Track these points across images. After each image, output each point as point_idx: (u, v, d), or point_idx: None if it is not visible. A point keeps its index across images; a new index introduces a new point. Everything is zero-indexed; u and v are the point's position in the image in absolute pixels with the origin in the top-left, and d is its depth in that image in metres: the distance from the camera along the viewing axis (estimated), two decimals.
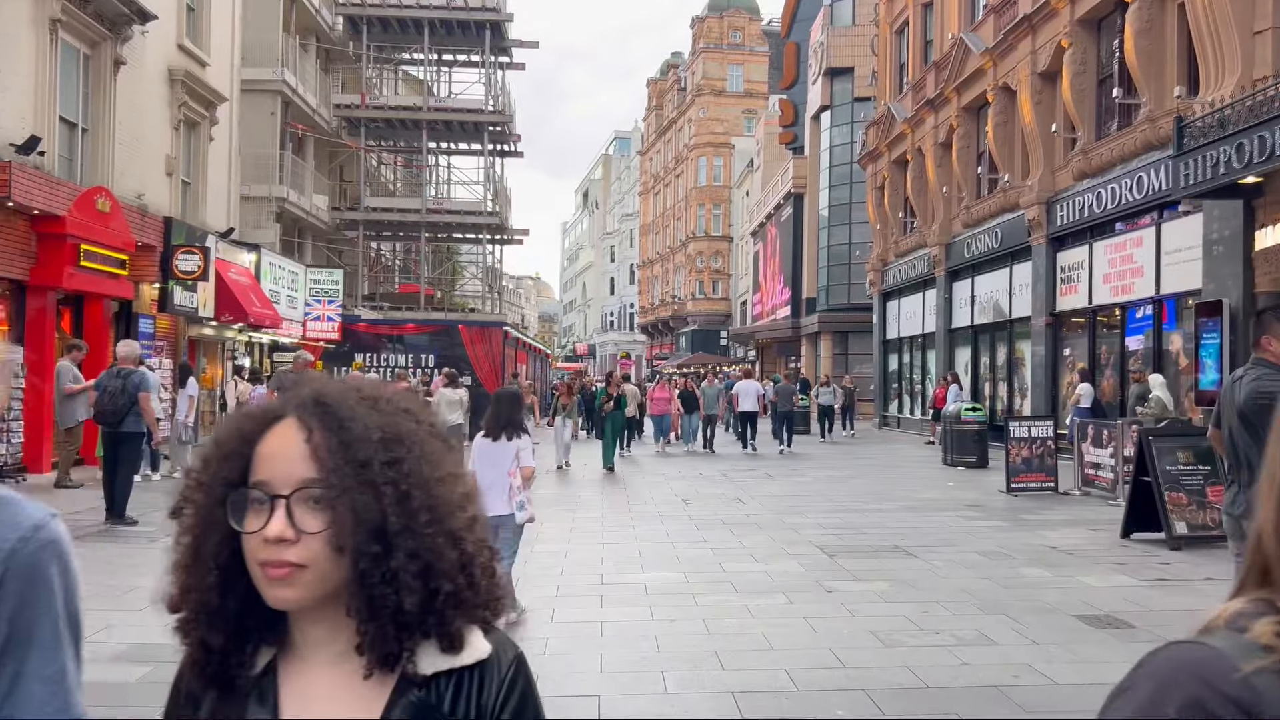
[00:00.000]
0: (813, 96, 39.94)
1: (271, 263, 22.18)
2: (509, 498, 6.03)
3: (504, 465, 6.04)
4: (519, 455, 6.10)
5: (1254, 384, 4.40)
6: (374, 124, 30.21)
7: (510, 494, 6.03)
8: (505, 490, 6.00)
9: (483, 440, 6.21)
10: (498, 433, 6.14)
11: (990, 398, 21.19)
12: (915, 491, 13.44)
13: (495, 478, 5.93)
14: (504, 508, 5.96)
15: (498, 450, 6.09)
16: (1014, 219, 19.61)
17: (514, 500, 6.06)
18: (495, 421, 6.17)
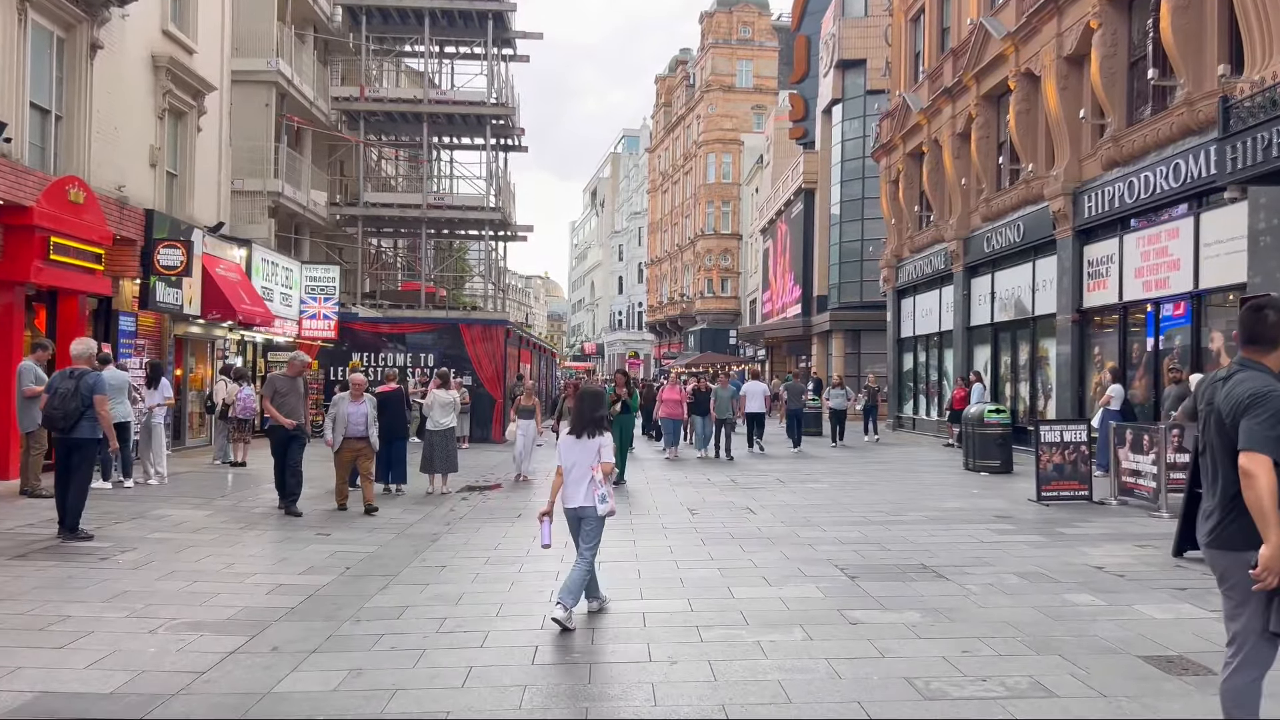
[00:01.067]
0: (824, 90, 39.03)
1: (264, 259, 21.40)
2: (591, 491, 6.41)
3: (588, 460, 6.48)
4: (600, 451, 6.49)
5: (1238, 386, 3.62)
6: (373, 117, 29.46)
7: (593, 487, 6.40)
8: (588, 483, 6.43)
9: (567, 437, 6.68)
10: (581, 430, 6.58)
11: (1011, 398, 20.26)
12: (938, 500, 12.54)
13: (580, 472, 6.46)
14: (587, 500, 6.42)
15: (581, 446, 6.54)
16: (1037, 211, 18.69)
17: (595, 494, 6.39)
18: (580, 419, 6.63)
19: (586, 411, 6.64)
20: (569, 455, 6.56)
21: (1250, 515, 3.45)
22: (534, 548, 9.14)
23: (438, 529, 10.32)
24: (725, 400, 19.06)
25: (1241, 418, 3.53)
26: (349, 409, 11.10)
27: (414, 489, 13.43)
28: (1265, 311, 3.71)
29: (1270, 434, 3.43)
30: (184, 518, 10.59)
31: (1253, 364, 3.70)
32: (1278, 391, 3.54)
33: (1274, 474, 3.40)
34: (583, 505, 6.43)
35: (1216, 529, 3.69)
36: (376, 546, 9.19)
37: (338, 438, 11.04)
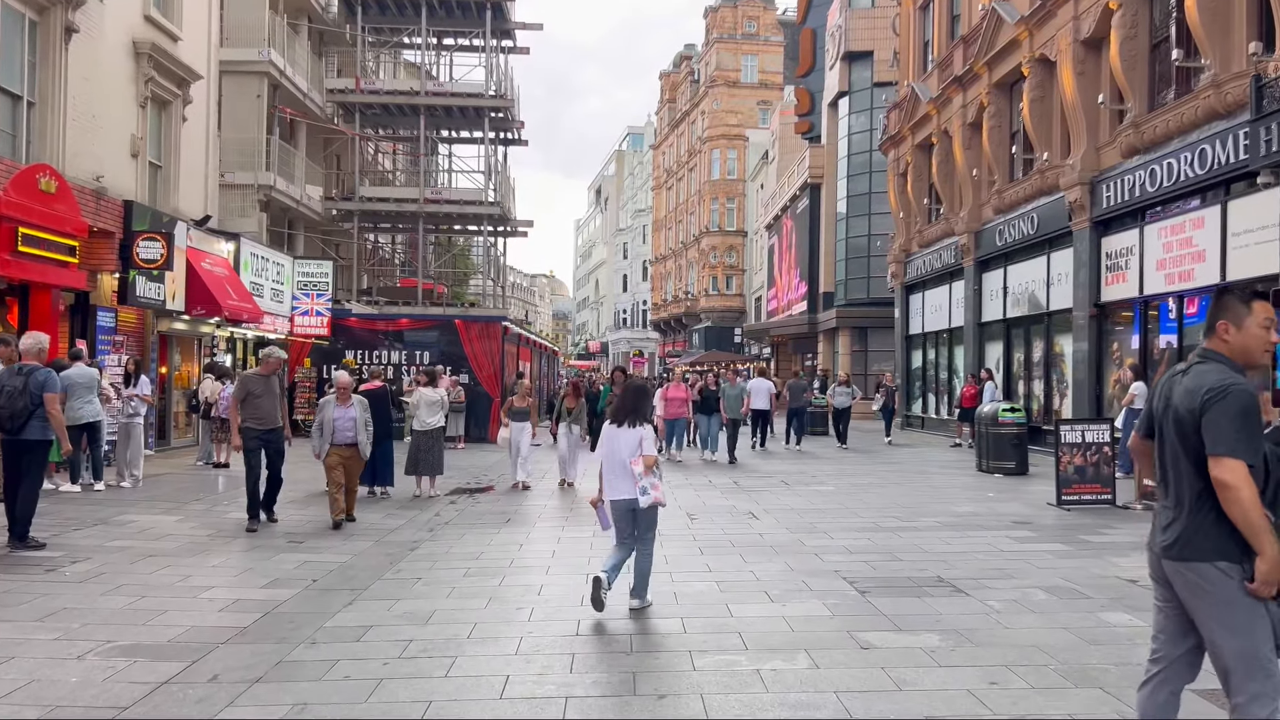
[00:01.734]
0: (830, 83, 38.32)
1: (253, 253, 20.79)
2: (634, 483, 6.39)
3: (629, 451, 6.46)
4: (642, 443, 6.50)
5: (1197, 380, 3.33)
6: (370, 110, 28.82)
7: (635, 480, 6.39)
8: (630, 476, 6.41)
9: (610, 427, 6.67)
10: (623, 420, 6.60)
11: (1025, 397, 19.56)
12: (951, 504, 11.87)
13: (622, 464, 6.46)
14: (631, 491, 6.41)
15: (623, 437, 6.54)
16: (1052, 202, 17.98)
17: (637, 486, 6.37)
18: (623, 410, 6.66)
19: (630, 403, 6.67)
20: (610, 445, 6.58)
21: (1217, 522, 3.21)
22: (518, 557, 8.51)
23: (419, 536, 9.68)
24: (735, 399, 17.90)
25: (1203, 414, 3.23)
26: (335, 413, 9.95)
27: (401, 492, 12.81)
28: (1227, 298, 3.41)
29: (1239, 434, 3.15)
30: (150, 524, 9.97)
31: (1214, 355, 3.38)
32: (1241, 385, 3.24)
33: (1252, 481, 3.14)
34: (627, 498, 6.46)
35: (1180, 540, 3.33)
36: (350, 556, 8.55)
37: (324, 446, 9.88)
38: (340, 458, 9.94)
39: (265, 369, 10.02)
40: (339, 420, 9.95)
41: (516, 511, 11.25)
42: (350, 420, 10.01)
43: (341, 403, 10.07)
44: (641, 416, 6.66)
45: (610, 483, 6.54)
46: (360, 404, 10.20)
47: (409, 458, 12.82)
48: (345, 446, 9.98)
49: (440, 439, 12.92)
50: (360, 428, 10.05)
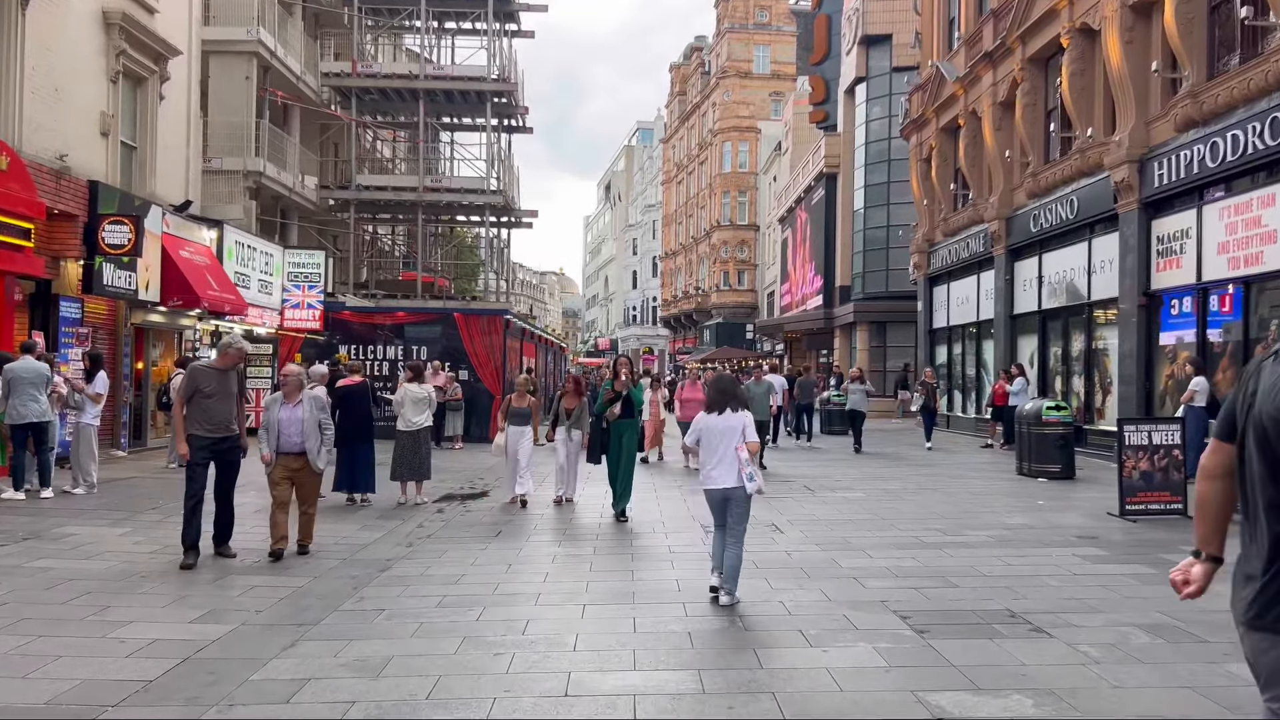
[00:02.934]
0: (846, 69, 36.95)
1: (238, 241, 19.58)
2: (738, 470, 6.28)
3: (731, 440, 6.33)
4: (744, 430, 6.39)
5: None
6: (368, 95, 27.63)
7: (740, 467, 6.28)
8: (734, 464, 6.29)
9: (706, 417, 6.56)
10: (721, 407, 6.48)
11: (1063, 394, 18.19)
12: (998, 513, 10.55)
13: (723, 453, 6.34)
14: (733, 480, 6.30)
15: (723, 425, 6.41)
16: (1095, 184, 16.62)
17: (744, 473, 6.28)
18: (718, 398, 6.56)
19: (724, 389, 6.64)
20: (710, 435, 6.47)
21: None
22: (504, 581, 7.24)
23: (394, 552, 8.43)
24: (762, 398, 15.61)
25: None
26: (280, 414, 8.05)
27: (385, 499, 11.58)
28: None
29: None
30: (90, 538, 8.74)
31: None
32: None
33: None
34: (730, 486, 6.35)
35: (1259, 599, 2.35)
36: (309, 579, 7.31)
37: (270, 448, 8.06)
38: (286, 470, 8.04)
39: (222, 361, 8.12)
40: (284, 423, 8.05)
41: (509, 523, 9.99)
42: (298, 423, 8.03)
43: (289, 401, 8.13)
44: (740, 402, 6.57)
45: (711, 473, 6.41)
46: (312, 402, 8.17)
47: (393, 461, 11.59)
48: (293, 456, 8.03)
49: (427, 440, 11.68)
50: (311, 432, 8.05)
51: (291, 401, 8.14)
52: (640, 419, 11.38)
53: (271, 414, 8.09)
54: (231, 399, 8.06)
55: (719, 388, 6.69)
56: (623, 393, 10.63)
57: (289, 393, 8.17)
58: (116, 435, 15.88)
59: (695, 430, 6.60)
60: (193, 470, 7.83)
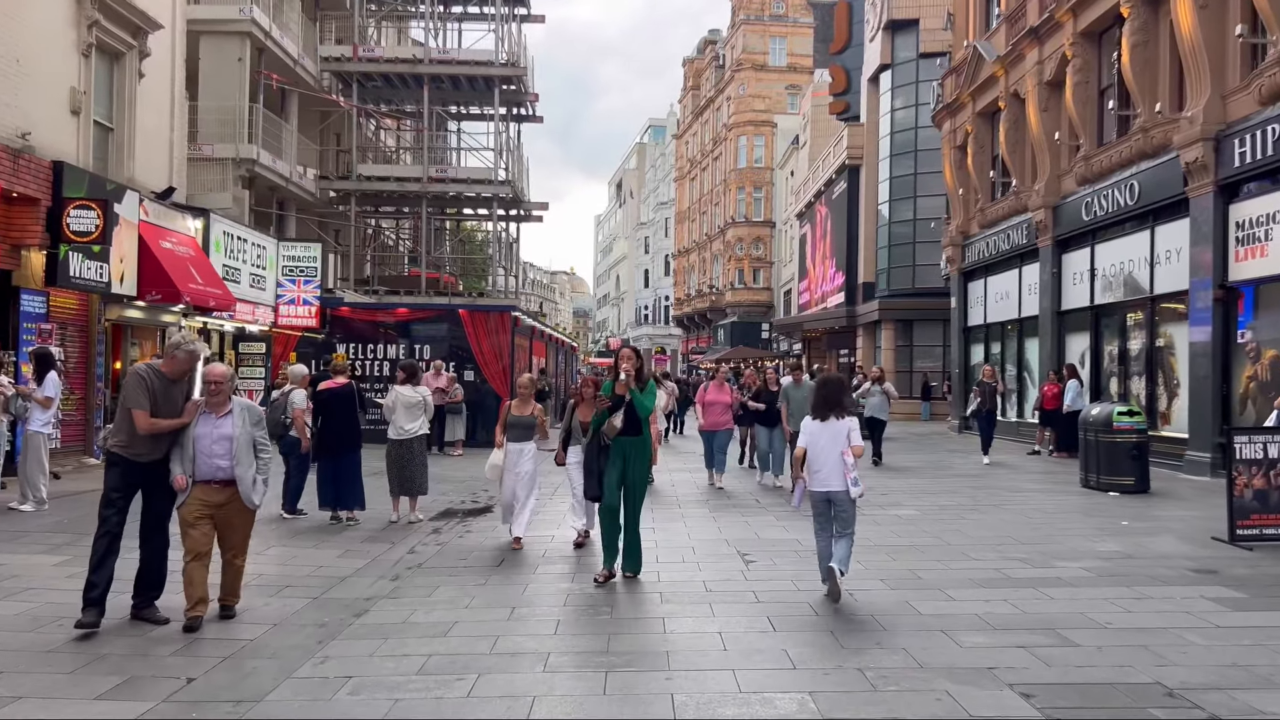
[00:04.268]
0: (870, 56, 35.41)
1: (226, 232, 18.23)
2: (844, 474, 6.45)
3: (837, 444, 6.51)
4: (849, 435, 6.55)
5: None
6: (370, 82, 26.23)
7: (846, 471, 6.45)
8: (840, 467, 6.47)
9: (812, 422, 6.68)
10: (826, 414, 6.61)
11: (1120, 397, 16.67)
12: (1082, 537, 9.08)
13: (828, 456, 6.53)
14: (839, 483, 6.48)
15: (828, 430, 6.57)
16: (1160, 166, 15.12)
17: (849, 476, 6.44)
18: (824, 404, 6.66)
19: (831, 396, 6.72)
20: (816, 439, 6.62)
21: None
22: (505, 634, 5.82)
23: (376, 588, 7.04)
24: (803, 403, 12.22)
25: None
26: (199, 428, 5.96)
27: (377, 514, 10.20)
28: None
29: None
30: (16, 569, 7.38)
31: None
32: None
33: None
34: (834, 490, 6.52)
35: None
36: (266, 628, 5.92)
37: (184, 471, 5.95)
38: (205, 506, 5.93)
39: (169, 366, 6.08)
40: (204, 440, 5.93)
41: (513, 550, 8.56)
42: (224, 441, 5.94)
43: (214, 410, 6.01)
44: (844, 409, 6.69)
45: (817, 476, 6.58)
46: (244, 413, 6.07)
47: (387, 474, 10.20)
48: (215, 486, 5.95)
49: (422, 451, 10.29)
50: (243, 454, 5.95)
51: (218, 411, 5.99)
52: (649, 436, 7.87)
53: (188, 428, 5.99)
54: (177, 414, 6.09)
55: (825, 396, 6.74)
56: (625, 397, 7.30)
57: (213, 399, 6.01)
58: (90, 441, 14.57)
59: (805, 436, 6.70)
60: (110, 500, 5.92)
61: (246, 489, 6.00)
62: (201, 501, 5.96)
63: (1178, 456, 14.16)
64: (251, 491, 6.03)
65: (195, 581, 5.88)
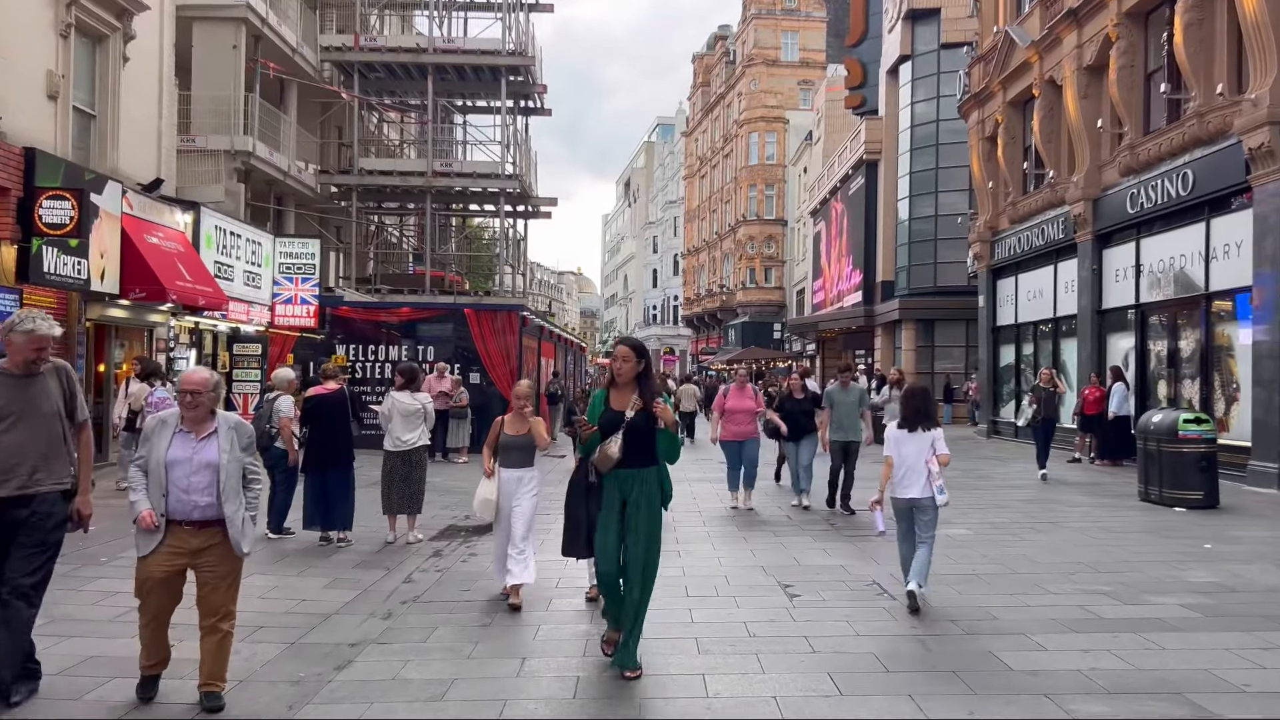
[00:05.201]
0: (888, 48, 34.34)
1: (219, 226, 17.26)
2: (928, 482, 6.49)
3: (922, 454, 6.54)
4: (935, 444, 6.58)
5: None
6: (372, 72, 25.26)
7: (930, 479, 6.48)
8: (923, 476, 6.51)
9: (899, 431, 6.68)
10: (915, 425, 6.64)
11: (1169, 401, 15.60)
12: (1167, 564, 8.02)
13: (913, 464, 6.55)
14: (922, 491, 6.51)
15: (914, 440, 6.61)
16: (1217, 153, 14.04)
17: (935, 485, 6.49)
18: (912, 415, 6.68)
19: (918, 407, 6.74)
20: (902, 449, 6.63)
21: None
22: (514, 698, 4.79)
23: (364, 630, 6.05)
24: (850, 409, 11.08)
25: None
26: (173, 452, 4.59)
27: (372, 534, 9.22)
28: None
29: None
30: None
31: None
32: None
33: None
34: (917, 497, 6.55)
35: None
36: (228, 688, 4.89)
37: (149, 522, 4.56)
38: (180, 553, 4.56)
39: (15, 360, 4.58)
40: (178, 467, 4.55)
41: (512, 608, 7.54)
42: (206, 470, 4.57)
43: (193, 430, 4.64)
44: (931, 420, 6.71)
45: (903, 483, 6.58)
46: (232, 434, 4.69)
47: (382, 490, 9.21)
48: (194, 529, 4.57)
49: (421, 463, 9.30)
50: (231, 487, 4.59)
51: (199, 432, 4.64)
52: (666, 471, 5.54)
53: (155, 447, 4.59)
54: (45, 424, 4.62)
55: (914, 406, 6.76)
56: (627, 415, 5.19)
57: (193, 415, 4.64)
58: None
59: (890, 445, 6.70)
60: None
61: (236, 532, 4.61)
62: (174, 550, 4.55)
63: (1239, 467, 13.07)
64: (241, 535, 4.64)
65: (155, 644, 4.67)
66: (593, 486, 5.37)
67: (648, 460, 5.23)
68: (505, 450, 6.91)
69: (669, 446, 5.26)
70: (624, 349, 5.30)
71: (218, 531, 4.59)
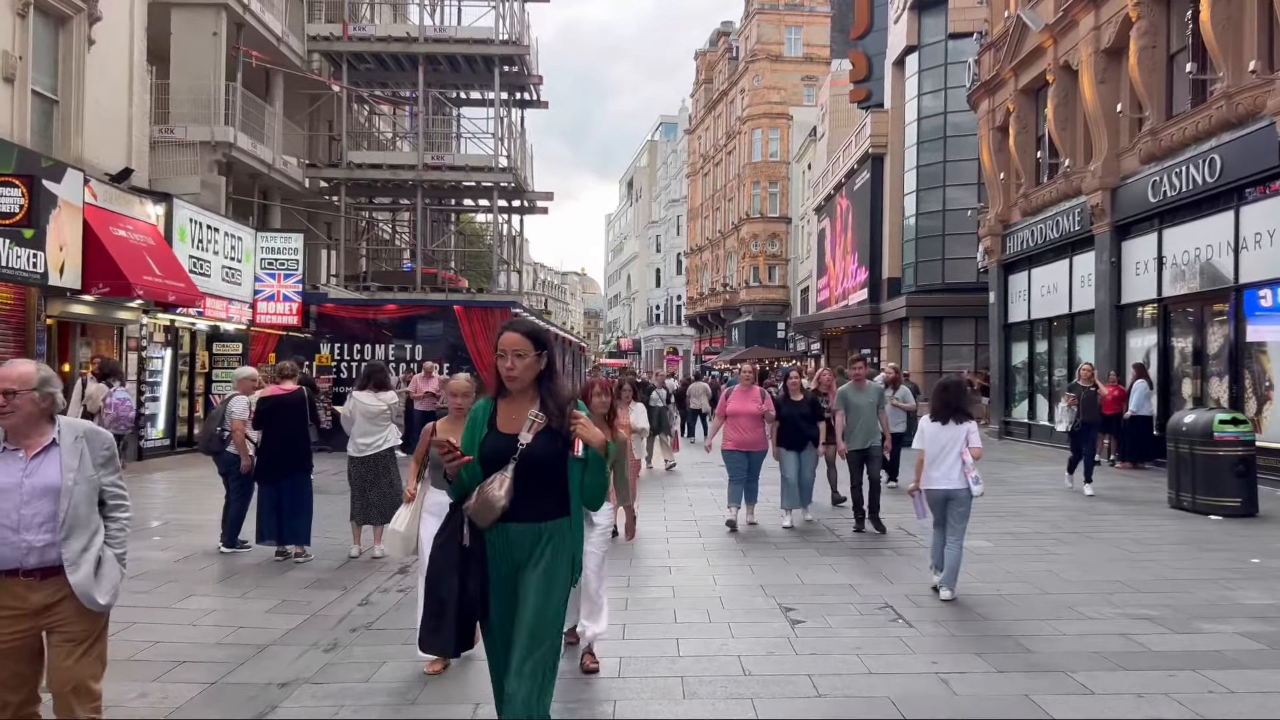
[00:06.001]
0: (894, 39, 33.50)
1: (194, 219, 16.49)
2: (962, 473, 6.57)
3: (955, 446, 6.62)
4: (969, 437, 6.64)
5: None
6: (361, 63, 24.52)
7: (966, 470, 6.55)
8: (956, 465, 6.58)
9: (931, 425, 6.75)
10: (947, 417, 6.70)
11: (1194, 400, 14.74)
12: (1211, 581, 7.18)
13: (948, 457, 6.63)
14: (955, 482, 6.60)
15: (947, 433, 6.68)
16: (1246, 137, 13.18)
17: (969, 476, 6.56)
18: (946, 408, 6.73)
19: (951, 400, 6.76)
20: (936, 441, 6.69)
21: None
22: None
23: (302, 665, 5.24)
24: (867, 411, 9.62)
25: None
26: None
27: (337, 546, 8.42)
28: None
29: None
30: None
31: None
32: None
33: None
34: (953, 488, 6.62)
35: None
36: None
37: None
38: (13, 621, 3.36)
39: None
40: (2, 498, 3.33)
41: None
42: (45, 498, 3.36)
43: (17, 443, 3.40)
44: (964, 413, 6.74)
45: (937, 474, 6.65)
46: (78, 446, 3.45)
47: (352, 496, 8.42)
48: (35, 578, 3.37)
49: (389, 469, 8.48)
50: (79, 517, 3.41)
51: (29, 448, 3.40)
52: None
53: None
54: None
55: (947, 400, 6.77)
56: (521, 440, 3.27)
57: (12, 424, 3.36)
58: None
59: (922, 438, 6.75)
60: None
61: (83, 579, 3.37)
62: (8, 612, 3.34)
63: (1273, 470, 12.22)
64: (93, 585, 3.39)
65: None
66: (470, 551, 3.26)
67: (554, 508, 3.30)
68: (436, 467, 4.74)
69: (594, 485, 3.33)
70: (513, 336, 3.32)
71: (61, 582, 3.38)
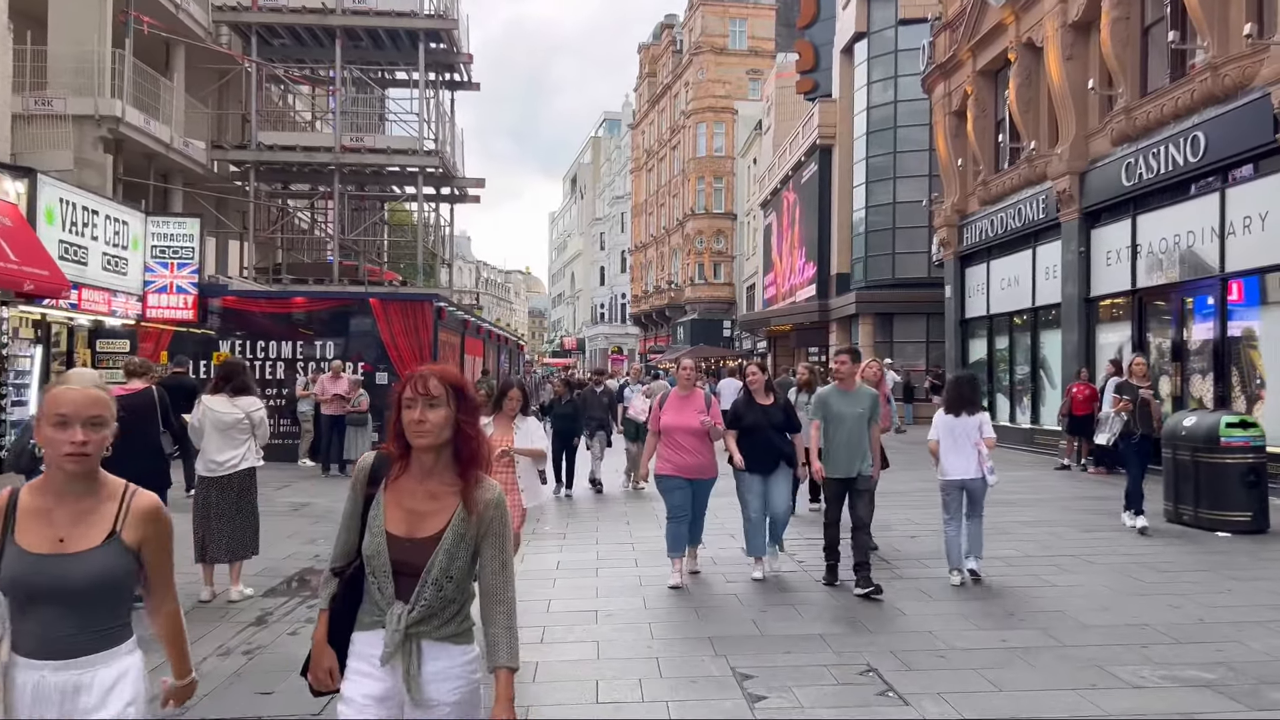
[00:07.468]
0: (843, 26, 32.42)
1: (65, 199, 14.48)
2: (978, 464, 6.88)
3: (970, 437, 6.94)
4: (982, 428, 6.98)
5: None
6: (274, 37, 22.56)
7: (981, 460, 6.88)
8: (972, 458, 6.90)
9: (945, 417, 7.06)
10: (960, 410, 7.02)
11: (1173, 399, 13.65)
12: (1257, 621, 5.87)
13: (960, 447, 6.93)
14: (970, 472, 6.91)
15: (960, 425, 6.99)
16: (1235, 111, 12.10)
17: (985, 465, 6.87)
18: (959, 401, 7.05)
19: (964, 394, 7.07)
20: (950, 433, 6.95)
21: None
22: None
23: None
24: (854, 422, 6.95)
25: None
26: None
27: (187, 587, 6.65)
28: None
29: None
30: None
31: None
32: None
33: None
34: (968, 478, 6.92)
35: None
36: None
37: None
38: None
39: None
40: None
41: None
42: None
43: None
44: (976, 405, 7.05)
45: (952, 464, 6.92)
46: None
47: (194, 529, 6.72)
48: None
49: (249, 492, 6.82)
50: None
51: None
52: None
53: None
54: None
55: (960, 394, 7.04)
56: None
57: None
58: None
59: (936, 430, 7.01)
60: None
61: None
62: None
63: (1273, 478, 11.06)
64: None
65: None
66: None
67: None
68: None
69: None
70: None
71: None
